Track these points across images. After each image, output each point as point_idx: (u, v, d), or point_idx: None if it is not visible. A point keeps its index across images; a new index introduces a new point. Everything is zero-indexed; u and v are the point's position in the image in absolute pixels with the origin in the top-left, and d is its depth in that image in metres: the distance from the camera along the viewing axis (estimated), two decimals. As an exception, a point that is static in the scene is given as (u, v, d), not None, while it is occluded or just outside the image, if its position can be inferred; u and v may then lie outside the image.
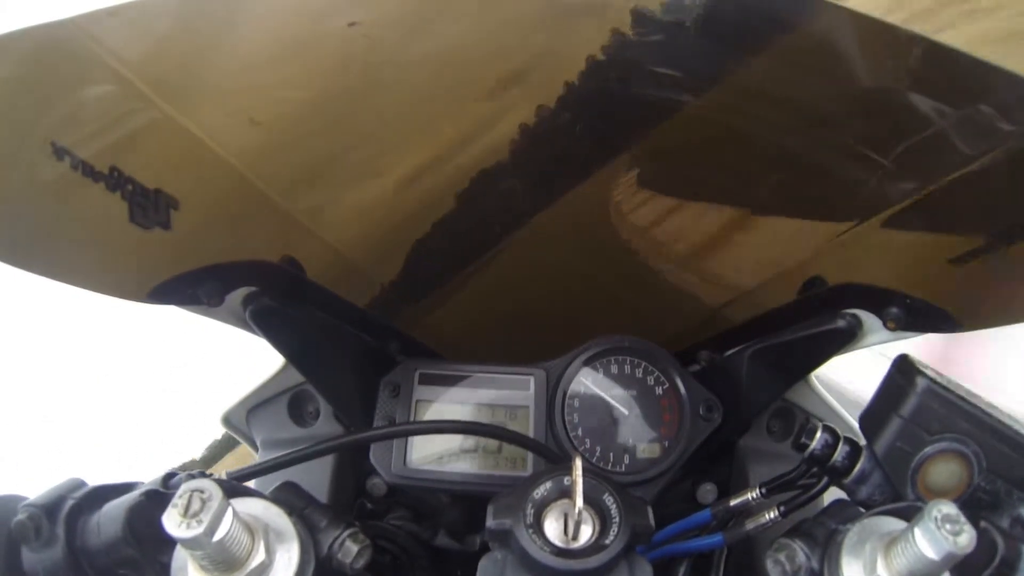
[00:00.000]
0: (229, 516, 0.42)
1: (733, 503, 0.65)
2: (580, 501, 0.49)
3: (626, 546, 0.49)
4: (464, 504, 0.82)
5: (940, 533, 0.41)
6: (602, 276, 0.84)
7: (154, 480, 0.50)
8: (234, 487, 0.51)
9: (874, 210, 0.57)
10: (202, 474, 0.52)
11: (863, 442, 0.58)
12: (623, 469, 0.78)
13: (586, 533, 0.50)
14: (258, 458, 0.88)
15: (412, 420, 0.79)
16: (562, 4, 0.52)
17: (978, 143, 0.46)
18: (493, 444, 0.78)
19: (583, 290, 0.86)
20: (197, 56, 0.50)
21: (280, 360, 0.87)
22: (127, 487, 0.49)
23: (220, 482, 0.45)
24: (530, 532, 0.49)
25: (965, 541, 0.40)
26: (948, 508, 0.42)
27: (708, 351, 0.87)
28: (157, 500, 0.47)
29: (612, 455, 0.78)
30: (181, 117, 0.53)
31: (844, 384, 1.21)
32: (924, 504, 0.42)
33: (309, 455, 0.62)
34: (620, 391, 0.82)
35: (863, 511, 0.51)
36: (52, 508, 0.45)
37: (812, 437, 0.57)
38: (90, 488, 0.48)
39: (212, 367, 2.93)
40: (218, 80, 0.53)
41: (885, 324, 0.66)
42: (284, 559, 0.47)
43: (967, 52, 0.39)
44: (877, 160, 0.53)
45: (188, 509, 0.40)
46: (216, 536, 0.41)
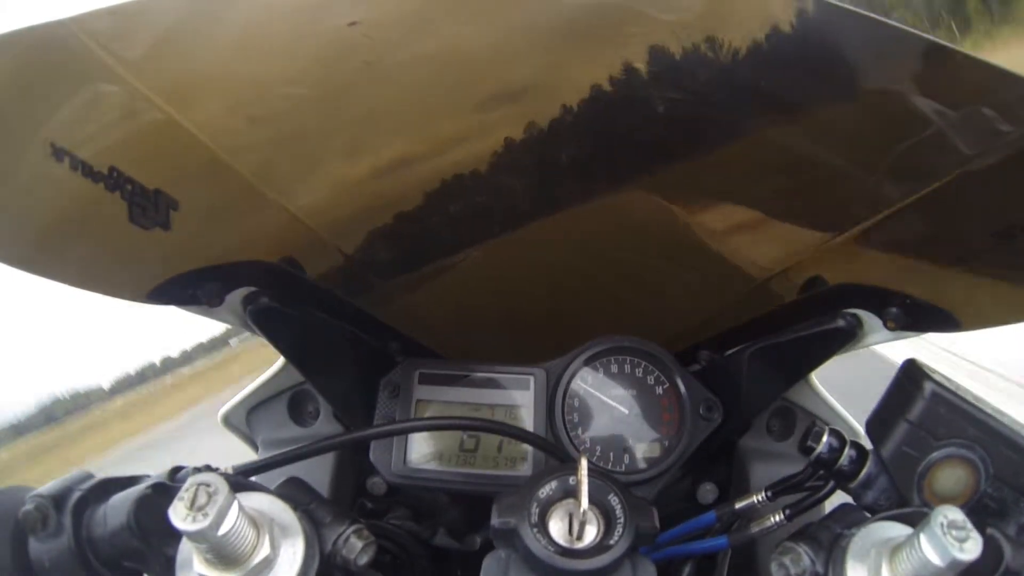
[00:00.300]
0: (235, 510, 0.42)
1: (738, 506, 0.65)
2: (585, 501, 0.49)
3: (630, 547, 0.49)
4: (464, 504, 0.82)
5: (946, 539, 0.41)
6: (602, 276, 0.84)
7: (161, 473, 0.50)
8: (240, 482, 0.51)
9: (874, 210, 0.57)
10: (209, 468, 0.52)
11: (869, 446, 0.58)
12: (623, 469, 0.78)
13: (591, 533, 0.50)
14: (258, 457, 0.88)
15: (416, 417, 0.79)
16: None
17: (978, 143, 0.46)
18: (493, 444, 0.78)
19: (583, 290, 0.86)
20: (197, 56, 0.49)
21: (280, 360, 0.87)
22: (134, 480, 0.49)
23: (226, 476, 0.45)
24: (535, 531, 0.49)
25: (971, 548, 0.41)
26: (954, 514, 0.42)
27: (708, 351, 0.87)
28: (163, 493, 0.47)
29: (612, 455, 0.78)
30: (181, 117, 0.53)
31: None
32: (930, 510, 0.42)
33: (316, 451, 0.63)
34: (620, 391, 0.82)
35: (869, 516, 0.51)
36: (59, 499, 0.45)
37: (819, 440, 0.57)
38: (97, 480, 0.48)
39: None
40: (217, 80, 0.52)
41: (885, 324, 0.66)
42: (289, 554, 0.47)
43: (967, 52, 0.39)
44: (877, 160, 0.53)
45: (194, 502, 0.40)
46: (221, 530, 0.41)
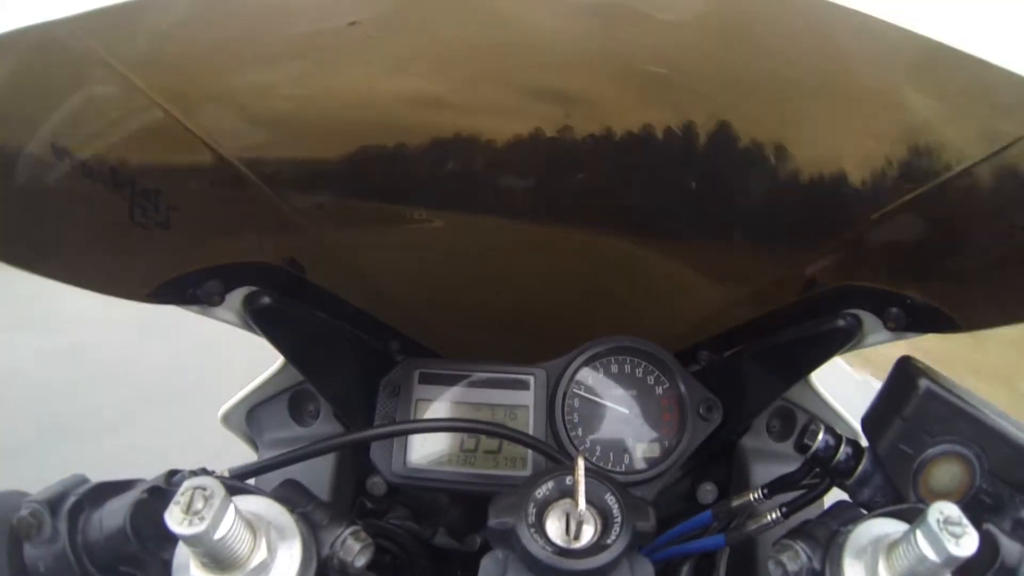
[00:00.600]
0: (231, 514, 0.42)
1: (735, 504, 0.65)
2: (583, 501, 0.49)
3: (628, 546, 0.49)
4: (464, 504, 0.82)
5: (942, 535, 0.41)
6: (602, 276, 0.84)
7: (157, 477, 0.49)
8: (236, 485, 0.51)
9: (874, 210, 0.57)
10: (204, 471, 0.52)
11: (865, 444, 0.58)
12: (623, 469, 0.78)
13: (588, 533, 0.50)
14: (258, 458, 0.88)
15: (415, 419, 0.79)
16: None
17: (978, 143, 0.46)
18: (493, 444, 0.78)
19: (583, 290, 0.86)
20: (197, 56, 0.49)
21: (280, 359, 0.87)
22: (129, 484, 0.49)
23: (222, 480, 0.45)
24: (532, 532, 0.49)
25: (967, 543, 0.40)
26: (950, 510, 0.42)
27: (708, 351, 0.87)
28: (159, 497, 0.47)
29: (612, 455, 0.78)
30: (181, 117, 0.53)
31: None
32: (926, 506, 0.42)
33: (311, 453, 0.62)
34: (620, 391, 0.82)
35: (865, 513, 0.51)
36: (54, 504, 0.45)
37: (814, 438, 0.57)
38: (93, 484, 0.48)
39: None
40: (218, 80, 0.52)
41: (885, 324, 0.66)
42: (286, 557, 0.47)
43: (967, 52, 0.39)
44: (877, 160, 0.53)
45: (190, 506, 0.40)
46: (218, 534, 0.41)
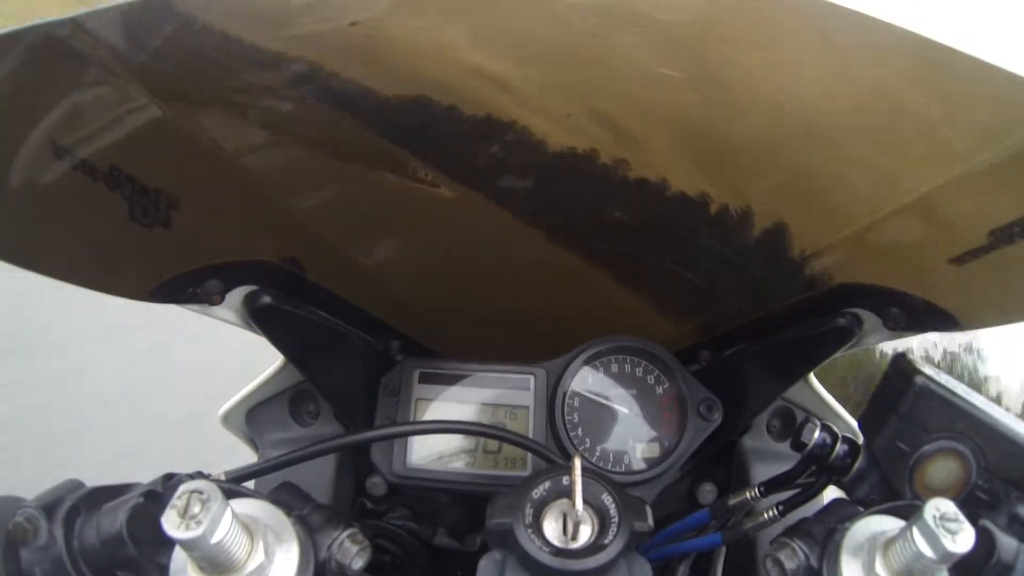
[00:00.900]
0: (228, 517, 0.42)
1: (732, 502, 0.65)
2: (580, 501, 0.49)
3: (625, 546, 0.49)
4: (464, 504, 0.82)
5: (938, 532, 0.41)
6: (602, 276, 0.84)
7: (153, 481, 0.49)
8: (233, 488, 0.51)
9: (874, 210, 0.57)
10: (201, 475, 0.52)
11: (862, 441, 0.58)
12: (623, 469, 0.78)
13: (585, 533, 0.50)
14: (257, 457, 0.88)
15: (412, 420, 0.79)
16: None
17: (978, 143, 0.46)
18: (493, 444, 0.78)
19: (583, 290, 0.86)
20: (197, 56, 0.50)
21: (280, 359, 0.87)
22: (125, 488, 0.49)
23: (219, 483, 0.45)
24: (529, 532, 0.49)
25: (963, 540, 0.40)
26: (946, 507, 0.42)
27: (708, 351, 0.87)
28: (156, 501, 0.47)
29: (612, 455, 0.78)
30: (181, 117, 0.53)
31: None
32: (922, 503, 0.42)
33: (308, 455, 0.62)
34: (620, 391, 0.82)
35: (862, 510, 0.51)
36: (50, 509, 0.45)
37: (811, 435, 0.57)
38: (88, 489, 0.48)
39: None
40: (218, 79, 0.53)
41: (885, 324, 0.66)
42: (283, 560, 0.47)
43: (967, 52, 0.39)
44: (877, 160, 0.53)
45: (187, 510, 0.40)
46: (215, 537, 0.41)
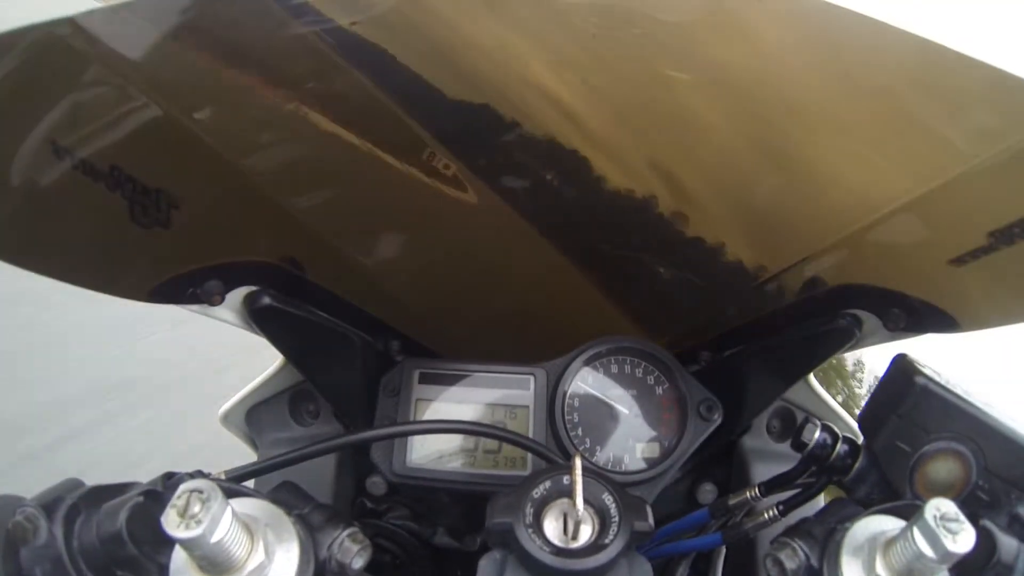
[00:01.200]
0: (228, 516, 0.42)
1: (732, 502, 0.65)
2: (580, 501, 0.49)
3: (625, 546, 0.49)
4: (464, 504, 0.82)
5: (939, 532, 0.41)
6: (602, 276, 0.84)
7: (153, 480, 0.49)
8: (233, 487, 0.51)
9: (874, 210, 0.57)
10: (201, 474, 0.52)
11: (862, 441, 0.58)
12: (623, 469, 0.77)
13: (585, 533, 0.50)
14: (257, 457, 0.88)
15: (412, 420, 0.79)
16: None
17: (978, 143, 0.46)
18: (493, 444, 0.78)
19: (583, 290, 0.86)
20: (196, 56, 0.50)
21: (280, 359, 0.87)
22: (125, 487, 0.49)
23: (219, 482, 0.45)
24: (529, 531, 0.49)
25: (964, 540, 0.40)
26: (947, 507, 0.42)
27: (708, 351, 0.87)
28: (156, 500, 0.46)
29: (612, 455, 0.78)
30: (181, 117, 0.53)
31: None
32: (923, 503, 0.42)
33: (308, 455, 0.62)
34: (620, 391, 0.81)
35: (862, 510, 0.51)
36: (50, 508, 0.45)
37: (811, 435, 0.57)
38: (88, 488, 0.48)
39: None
40: (218, 79, 0.53)
41: (885, 324, 0.66)
42: (283, 559, 0.47)
43: (967, 52, 0.39)
44: (877, 160, 0.53)
45: (187, 510, 0.40)
46: (215, 537, 0.41)
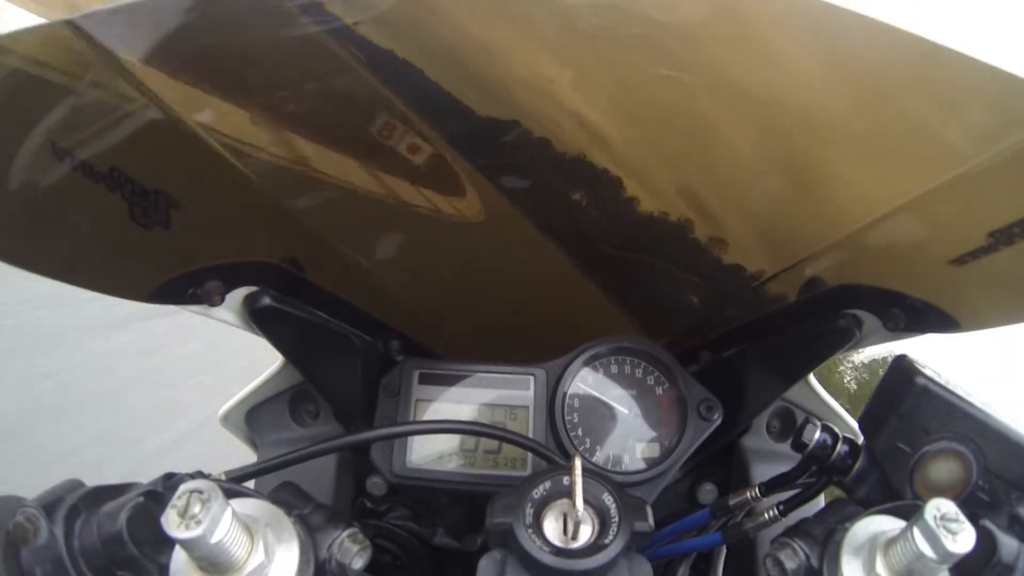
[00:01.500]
0: (228, 517, 0.42)
1: (732, 502, 0.65)
2: (580, 501, 0.49)
3: (625, 546, 0.49)
4: (464, 504, 0.82)
5: (939, 532, 0.41)
6: (602, 276, 0.84)
7: (153, 480, 0.49)
8: (233, 488, 0.51)
9: (874, 210, 0.57)
10: (201, 474, 0.52)
11: (862, 441, 0.58)
12: (623, 469, 0.77)
13: (585, 533, 0.50)
14: (257, 458, 0.88)
15: (412, 420, 0.79)
16: None
17: (978, 143, 0.46)
18: (493, 444, 0.78)
19: (583, 290, 0.86)
20: (197, 57, 0.50)
21: (280, 359, 0.87)
22: (125, 487, 0.49)
23: (219, 483, 0.45)
24: (529, 532, 0.49)
25: (964, 540, 0.41)
26: (947, 507, 0.42)
27: (708, 351, 0.87)
28: (156, 501, 0.47)
29: (612, 455, 0.78)
30: (181, 117, 0.53)
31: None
32: (923, 503, 0.42)
33: (308, 455, 0.62)
34: (620, 391, 0.81)
35: (862, 510, 0.51)
36: (50, 508, 0.45)
37: (811, 436, 0.57)
38: (88, 489, 0.48)
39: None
40: (218, 80, 0.53)
41: (885, 324, 0.66)
42: (283, 560, 0.47)
43: (967, 52, 0.39)
44: (877, 160, 0.53)
45: (187, 510, 0.40)
46: (215, 537, 0.41)
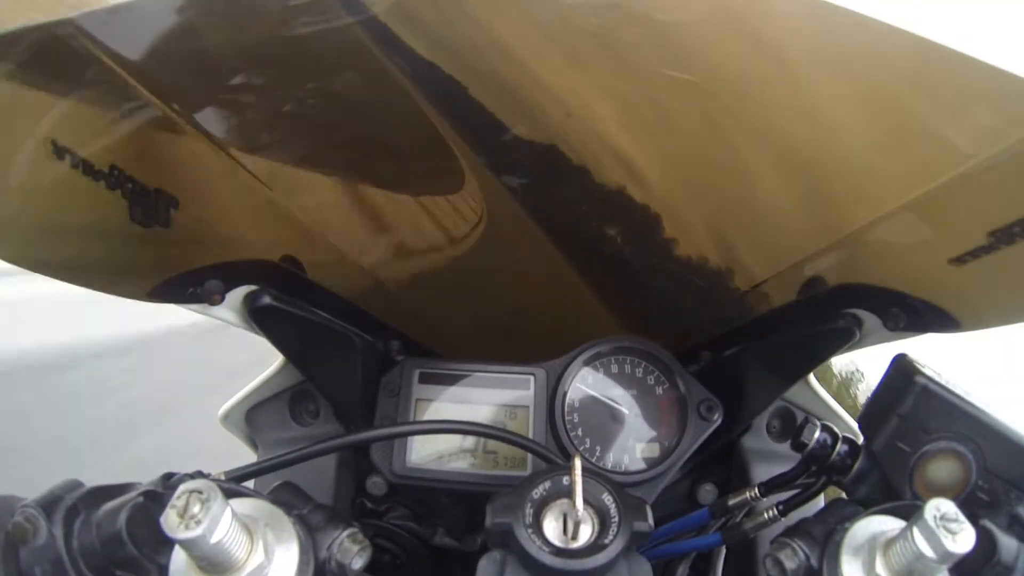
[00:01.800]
0: (227, 517, 0.42)
1: (731, 502, 0.65)
2: (580, 501, 0.49)
3: (625, 546, 0.49)
4: (464, 504, 0.82)
5: (939, 532, 0.41)
6: (602, 276, 0.84)
7: (152, 480, 0.49)
8: (232, 487, 0.51)
9: (874, 210, 0.57)
10: (200, 474, 0.52)
11: (862, 441, 0.58)
12: (623, 469, 0.77)
13: (585, 533, 0.49)
14: (257, 457, 0.88)
15: (412, 420, 0.79)
16: None
17: (978, 143, 0.46)
18: (493, 444, 0.78)
19: (584, 290, 0.86)
20: (197, 56, 0.50)
21: (280, 359, 0.87)
22: (125, 487, 0.48)
23: (218, 482, 0.45)
24: (529, 532, 0.49)
25: (964, 540, 0.40)
26: (947, 507, 0.42)
27: (708, 351, 0.87)
28: (155, 501, 0.46)
29: (612, 455, 0.78)
30: (181, 117, 0.53)
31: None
32: (923, 503, 0.42)
33: (308, 455, 0.62)
34: (620, 391, 0.81)
35: (862, 510, 0.51)
36: (49, 508, 0.44)
37: (811, 436, 0.57)
38: (87, 489, 0.48)
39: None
40: (218, 80, 0.53)
41: (885, 324, 0.66)
42: (283, 560, 0.47)
43: (967, 52, 0.39)
44: (877, 160, 0.53)
45: (186, 510, 0.40)
46: (214, 538, 0.41)
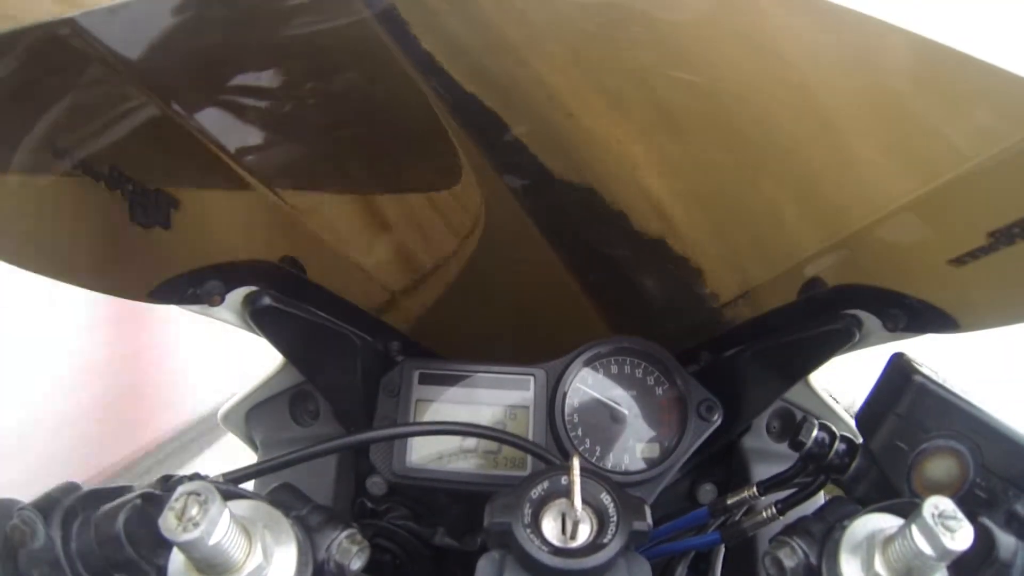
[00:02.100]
0: (226, 519, 0.42)
1: (730, 501, 0.65)
2: (578, 500, 0.49)
3: (624, 545, 0.49)
4: (464, 504, 0.82)
5: (937, 529, 0.41)
6: (602, 277, 0.84)
7: (150, 483, 0.49)
8: (230, 489, 0.51)
9: (874, 210, 0.57)
10: (198, 476, 0.52)
11: (860, 440, 0.58)
12: (623, 469, 0.77)
13: (584, 532, 0.49)
14: (257, 458, 0.88)
15: (412, 420, 0.79)
16: None
17: (978, 143, 0.46)
18: (493, 444, 0.78)
19: (583, 290, 0.86)
20: (197, 56, 0.50)
21: (280, 359, 0.87)
22: (122, 490, 0.49)
23: (216, 484, 0.45)
24: (528, 531, 0.49)
25: (962, 537, 0.41)
26: (945, 504, 0.42)
27: (708, 351, 0.87)
28: (153, 503, 0.46)
29: (612, 455, 0.78)
30: (181, 117, 0.54)
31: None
32: (921, 501, 0.42)
33: (307, 456, 0.62)
34: (620, 391, 0.81)
35: (861, 508, 0.51)
36: (47, 511, 0.45)
37: (808, 435, 0.57)
38: (85, 491, 0.48)
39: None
40: (218, 80, 0.53)
41: (885, 325, 0.65)
42: (281, 561, 0.47)
43: (967, 52, 0.39)
44: (877, 160, 0.53)
45: (184, 512, 0.40)
46: (212, 539, 0.41)
